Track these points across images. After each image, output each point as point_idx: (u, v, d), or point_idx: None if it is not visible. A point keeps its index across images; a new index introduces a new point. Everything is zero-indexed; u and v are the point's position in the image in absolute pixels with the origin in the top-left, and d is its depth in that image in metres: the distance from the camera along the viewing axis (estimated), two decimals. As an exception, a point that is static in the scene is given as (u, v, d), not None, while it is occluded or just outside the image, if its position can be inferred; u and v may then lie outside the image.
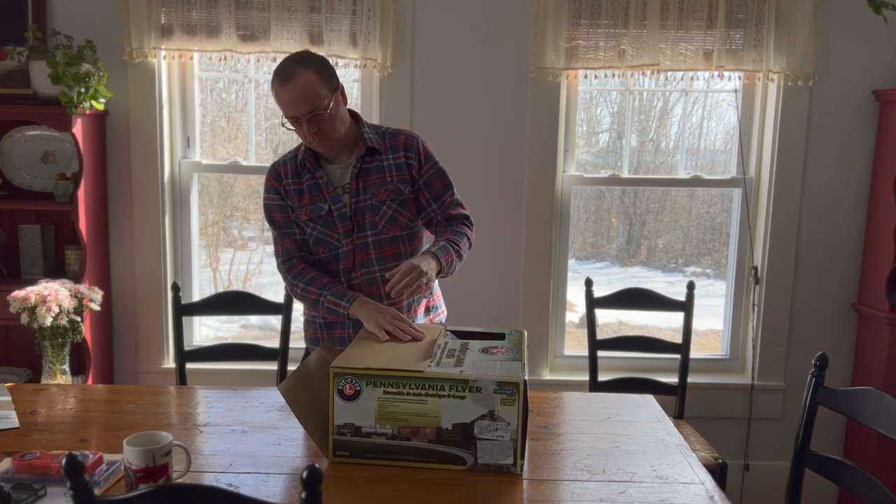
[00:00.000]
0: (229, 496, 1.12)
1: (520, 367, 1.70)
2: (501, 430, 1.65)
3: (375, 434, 1.68)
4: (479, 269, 3.17)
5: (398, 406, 1.67)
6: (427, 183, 2.15)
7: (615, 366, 3.26)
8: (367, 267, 2.11)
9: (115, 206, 3.22)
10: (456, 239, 2.09)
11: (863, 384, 2.94)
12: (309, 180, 2.12)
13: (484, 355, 1.79)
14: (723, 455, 3.13)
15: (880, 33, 3.08)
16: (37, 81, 2.92)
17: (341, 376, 1.67)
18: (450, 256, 2.03)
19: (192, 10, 3.02)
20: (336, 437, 1.70)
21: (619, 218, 3.52)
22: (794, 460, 1.94)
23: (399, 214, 2.12)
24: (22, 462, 1.64)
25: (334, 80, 2.03)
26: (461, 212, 2.19)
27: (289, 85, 1.95)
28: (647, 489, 1.64)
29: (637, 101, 3.38)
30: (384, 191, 2.10)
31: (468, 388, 1.64)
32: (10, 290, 2.72)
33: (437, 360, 1.74)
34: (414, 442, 1.68)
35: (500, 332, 1.99)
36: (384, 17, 3.01)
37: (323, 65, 2.02)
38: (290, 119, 2.01)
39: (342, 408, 1.68)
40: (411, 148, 2.14)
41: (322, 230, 2.12)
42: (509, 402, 1.64)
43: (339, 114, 2.04)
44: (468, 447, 1.67)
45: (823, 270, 3.24)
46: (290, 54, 2.04)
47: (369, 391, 1.67)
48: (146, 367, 3.28)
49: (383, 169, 2.12)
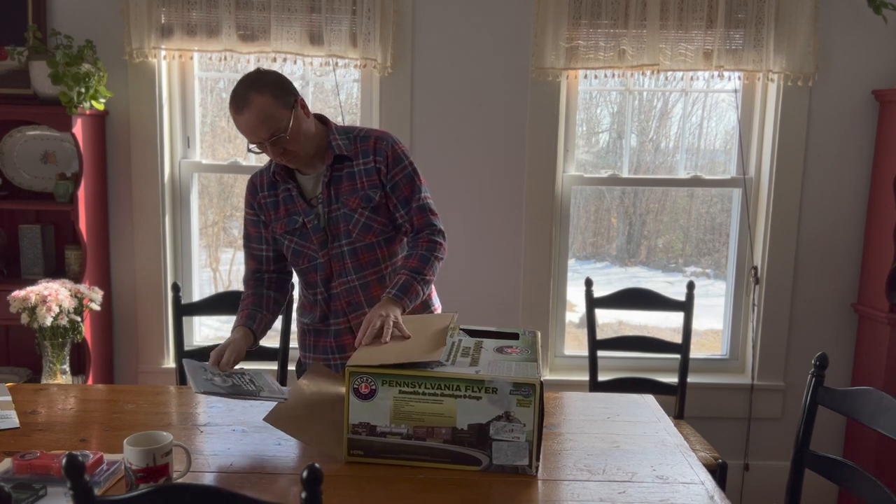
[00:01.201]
0: (229, 496, 1.12)
1: (536, 368, 1.70)
2: (517, 432, 1.65)
3: (390, 433, 1.68)
4: (479, 269, 3.18)
5: (414, 406, 1.66)
6: (394, 187, 2.07)
7: (615, 366, 3.26)
8: (344, 276, 2.09)
9: (115, 206, 3.22)
10: (419, 267, 2.02)
11: (863, 384, 2.94)
12: (284, 192, 2.09)
13: (499, 355, 1.78)
14: (723, 455, 3.13)
15: (880, 33, 3.08)
16: (37, 81, 2.92)
17: (357, 375, 1.67)
18: (413, 291, 1.98)
19: (192, 10, 3.02)
20: (351, 435, 1.69)
21: (619, 218, 3.52)
22: (794, 460, 1.93)
23: (372, 221, 2.07)
24: (22, 462, 1.64)
25: (290, 97, 1.95)
26: (430, 219, 2.10)
27: (244, 113, 1.89)
28: (647, 489, 1.64)
29: (637, 101, 3.38)
30: (354, 198, 2.05)
31: (484, 389, 1.64)
32: (10, 290, 2.73)
33: (451, 359, 1.73)
34: (429, 442, 1.67)
35: (514, 331, 1.99)
36: (384, 17, 3.01)
37: (277, 84, 1.93)
38: (253, 144, 1.96)
39: (358, 407, 1.68)
40: (380, 151, 2.06)
41: (299, 242, 2.09)
42: (525, 404, 1.63)
43: (302, 130, 1.97)
44: (483, 448, 1.67)
45: (823, 270, 3.24)
46: (241, 77, 1.95)
47: (385, 390, 1.66)
48: (146, 367, 3.28)
49: (353, 175, 2.06)
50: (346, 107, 3.28)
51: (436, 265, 2.06)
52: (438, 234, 2.10)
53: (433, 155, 3.15)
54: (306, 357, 2.23)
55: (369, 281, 2.10)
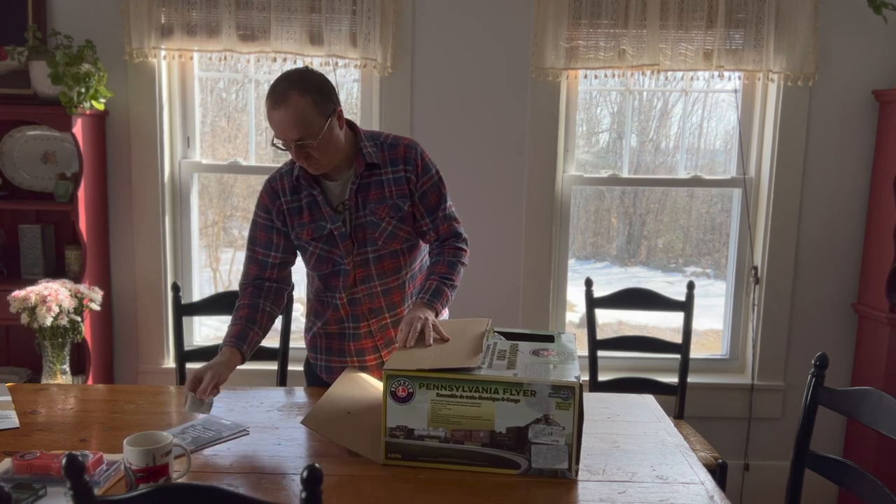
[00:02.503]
0: (229, 496, 1.12)
1: (574, 371, 1.69)
2: (556, 435, 1.64)
3: (428, 437, 1.67)
4: (480, 269, 3.17)
5: (451, 409, 1.66)
6: (422, 196, 2.07)
7: (615, 366, 3.26)
8: (367, 283, 2.08)
9: (115, 206, 3.22)
10: (448, 273, 2.05)
11: (863, 384, 2.94)
12: (307, 197, 2.05)
13: (535, 358, 1.78)
14: (723, 455, 3.13)
15: (880, 33, 3.08)
16: (37, 81, 2.92)
17: (394, 378, 1.66)
18: (444, 296, 2.02)
19: (192, 10, 3.02)
20: (388, 439, 1.69)
21: (619, 218, 3.52)
22: (794, 460, 1.93)
23: (399, 230, 2.06)
24: (22, 462, 1.64)
25: (330, 106, 1.92)
26: (455, 228, 2.13)
27: (280, 109, 1.86)
28: (647, 489, 1.64)
29: (637, 101, 3.38)
30: (383, 208, 2.04)
31: (522, 392, 1.63)
32: (10, 290, 2.72)
33: (488, 362, 1.73)
34: (467, 445, 1.67)
35: (549, 333, 1.98)
36: (384, 17, 3.01)
37: (321, 90, 1.90)
38: (279, 140, 1.93)
39: (395, 410, 1.67)
40: (410, 161, 2.06)
41: (325, 248, 2.06)
42: (564, 406, 1.63)
43: (332, 140, 1.94)
44: (522, 451, 1.66)
45: (823, 270, 3.24)
46: (287, 72, 1.92)
47: (423, 393, 1.66)
48: (146, 367, 3.28)
49: (382, 184, 2.04)
50: (346, 107, 3.28)
51: (462, 271, 2.10)
52: (463, 242, 2.15)
53: (433, 155, 3.11)
54: (317, 359, 2.22)
55: (391, 287, 2.11)
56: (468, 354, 1.74)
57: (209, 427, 1.91)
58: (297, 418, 1.99)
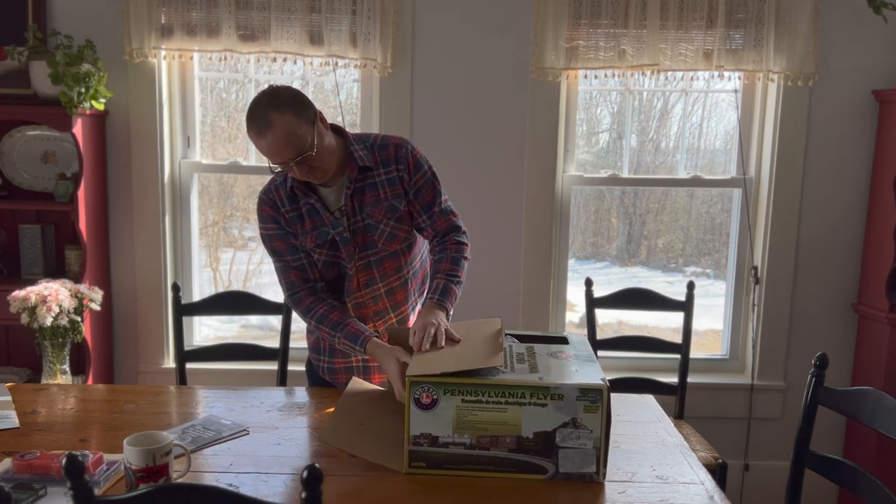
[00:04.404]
0: (229, 496, 1.12)
1: (599, 373, 1.68)
2: (584, 438, 1.62)
3: (453, 444, 1.64)
4: (480, 269, 3.17)
5: (477, 415, 1.62)
6: (417, 193, 2.06)
7: (615, 366, 3.26)
8: (371, 285, 2.09)
9: (115, 206, 3.22)
10: (453, 270, 2.04)
11: (863, 384, 2.94)
12: (305, 205, 2.04)
13: (555, 360, 1.76)
14: (723, 455, 3.13)
15: (880, 33, 3.08)
16: (37, 81, 2.92)
17: (418, 385, 1.63)
18: (452, 294, 2.01)
19: (192, 10, 3.02)
20: (412, 447, 1.65)
21: (619, 218, 3.52)
22: (794, 460, 1.93)
23: (397, 230, 2.06)
24: (22, 462, 1.64)
25: (310, 111, 1.89)
26: (453, 221, 2.12)
27: (266, 134, 1.82)
28: (647, 489, 1.64)
29: (637, 101, 3.38)
30: (379, 210, 2.03)
31: (549, 396, 1.61)
32: (10, 290, 2.72)
33: (509, 366, 1.70)
34: (493, 451, 1.64)
35: (561, 335, 1.97)
36: (384, 17, 3.01)
37: (296, 100, 1.86)
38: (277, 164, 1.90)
39: (419, 417, 1.64)
40: (401, 159, 2.04)
41: (330, 254, 2.05)
42: (592, 409, 1.61)
43: (326, 145, 1.92)
44: (549, 456, 1.64)
45: (823, 270, 3.24)
46: (256, 97, 1.87)
47: (447, 400, 1.62)
48: (146, 367, 3.28)
49: (376, 186, 2.03)
50: (346, 107, 3.28)
51: (466, 266, 2.09)
52: (463, 235, 2.13)
53: (433, 155, 3.10)
54: (319, 360, 2.21)
55: (394, 287, 2.11)
56: (489, 353, 1.71)
57: (209, 427, 1.92)
58: (298, 418, 2.00)
